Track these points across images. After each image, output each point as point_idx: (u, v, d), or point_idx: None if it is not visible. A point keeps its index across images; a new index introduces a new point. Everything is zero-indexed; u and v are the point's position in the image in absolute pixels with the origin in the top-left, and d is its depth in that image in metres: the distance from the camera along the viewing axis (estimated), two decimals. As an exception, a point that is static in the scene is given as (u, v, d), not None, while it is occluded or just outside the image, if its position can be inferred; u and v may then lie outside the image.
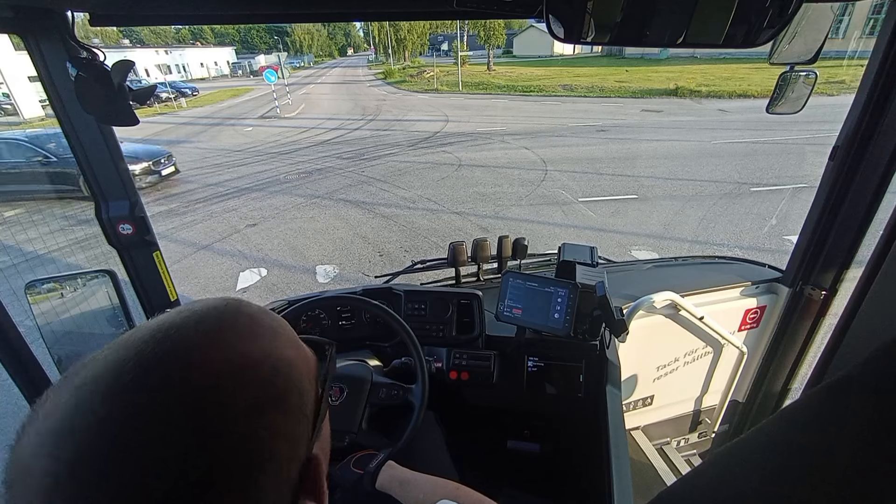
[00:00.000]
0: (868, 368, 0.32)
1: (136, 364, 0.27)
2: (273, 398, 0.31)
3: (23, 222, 5.78)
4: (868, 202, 1.24)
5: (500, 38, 32.74)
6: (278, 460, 0.31)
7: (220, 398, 0.28)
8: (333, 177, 8.51)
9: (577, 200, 6.57)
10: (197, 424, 0.27)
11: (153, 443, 0.25)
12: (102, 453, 0.24)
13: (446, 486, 0.76)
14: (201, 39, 66.29)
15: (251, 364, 0.31)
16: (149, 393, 0.27)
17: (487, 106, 17.77)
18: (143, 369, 0.27)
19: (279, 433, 0.31)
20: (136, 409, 0.26)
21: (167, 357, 0.28)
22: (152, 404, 0.26)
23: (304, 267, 4.96)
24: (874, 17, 11.13)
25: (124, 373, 0.27)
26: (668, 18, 0.68)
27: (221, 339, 0.31)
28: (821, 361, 1.33)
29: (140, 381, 0.27)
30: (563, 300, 1.19)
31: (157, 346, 0.29)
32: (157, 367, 0.28)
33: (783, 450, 0.35)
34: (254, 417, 0.30)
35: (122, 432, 0.25)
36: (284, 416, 0.32)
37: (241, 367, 0.31)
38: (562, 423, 1.45)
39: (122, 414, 0.26)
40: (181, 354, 0.29)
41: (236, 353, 0.31)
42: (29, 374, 1.05)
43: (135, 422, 0.25)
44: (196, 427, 0.27)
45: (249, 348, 0.32)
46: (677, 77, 20.30)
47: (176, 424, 0.26)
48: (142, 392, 0.26)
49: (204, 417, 0.27)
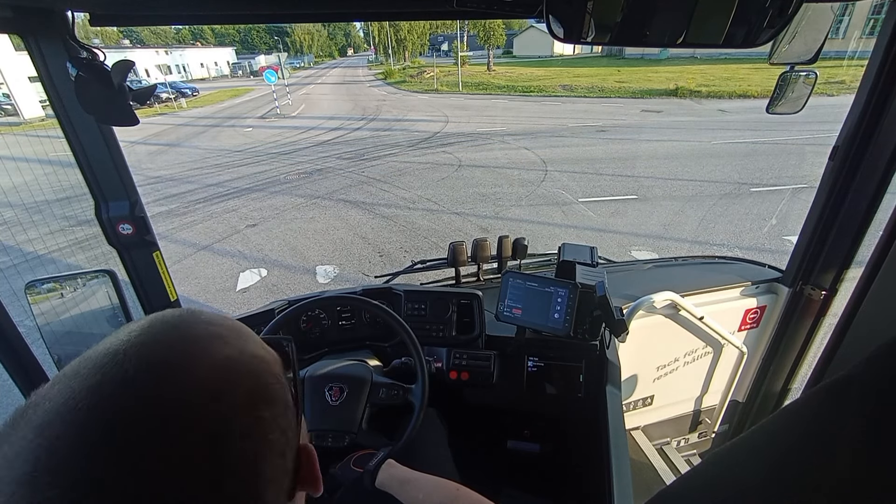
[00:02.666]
0: (868, 368, 0.32)
1: (123, 391, 0.27)
2: (261, 392, 0.33)
3: (23, 222, 5.77)
4: (868, 202, 1.24)
5: (500, 39, 32.76)
6: (276, 451, 0.32)
7: (217, 400, 0.29)
8: (333, 177, 8.50)
9: (577, 201, 6.56)
10: (201, 426, 0.27)
11: (162, 456, 0.25)
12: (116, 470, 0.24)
13: (446, 487, 0.76)
14: (201, 40, 66.32)
15: (234, 364, 0.32)
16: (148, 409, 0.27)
17: (487, 106, 17.77)
18: (130, 395, 0.27)
19: (273, 425, 0.32)
20: (144, 433, 0.26)
21: (154, 371, 0.28)
22: (155, 413, 0.26)
23: (304, 267, 4.96)
24: (874, 17, 11.13)
25: (114, 399, 0.26)
26: (668, 18, 0.68)
27: (197, 347, 0.31)
28: (821, 361, 1.33)
29: (135, 409, 0.26)
30: (563, 300, 1.19)
31: (139, 366, 0.28)
32: (148, 388, 0.27)
33: (783, 449, 0.35)
34: (250, 412, 0.31)
35: (126, 458, 0.25)
36: (273, 408, 0.33)
37: (226, 369, 0.31)
38: (562, 423, 1.45)
39: (126, 441, 0.25)
40: (164, 371, 0.29)
41: (219, 355, 0.32)
42: (29, 375, 1.05)
43: (144, 441, 0.25)
44: (200, 429, 0.27)
45: (227, 351, 0.33)
46: (677, 77, 20.30)
47: (180, 429, 0.27)
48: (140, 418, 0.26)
49: (207, 420, 0.28)
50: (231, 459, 0.28)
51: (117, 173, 1.16)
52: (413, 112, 17.13)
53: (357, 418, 1.05)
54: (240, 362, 0.33)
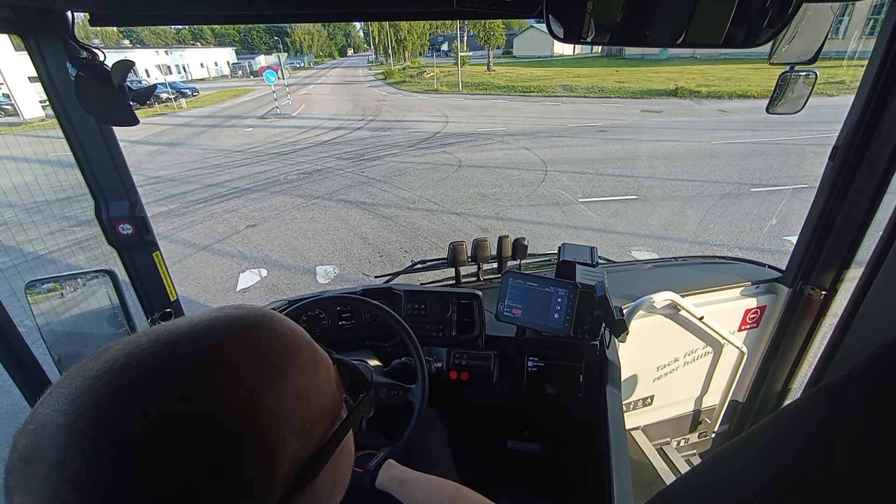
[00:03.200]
0: (868, 368, 0.32)
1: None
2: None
3: (23, 223, 5.77)
4: (868, 202, 1.24)
5: (500, 39, 32.76)
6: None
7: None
8: (333, 177, 8.50)
9: (577, 201, 6.56)
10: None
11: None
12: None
13: (446, 487, 0.76)
14: (201, 40, 66.33)
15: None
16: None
17: (487, 106, 17.77)
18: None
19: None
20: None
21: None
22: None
23: (304, 268, 4.95)
24: (874, 17, 11.13)
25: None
26: (668, 18, 0.68)
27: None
28: (821, 361, 1.33)
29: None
30: (563, 300, 1.19)
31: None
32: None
33: (783, 449, 0.35)
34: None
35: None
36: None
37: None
38: (562, 424, 1.45)
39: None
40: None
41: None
42: (29, 375, 1.05)
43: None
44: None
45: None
46: (677, 77, 20.30)
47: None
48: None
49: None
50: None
51: (117, 173, 1.16)
52: (413, 112, 17.13)
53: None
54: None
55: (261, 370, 0.31)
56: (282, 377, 0.32)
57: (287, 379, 0.33)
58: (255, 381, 0.31)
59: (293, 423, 0.32)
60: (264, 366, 0.32)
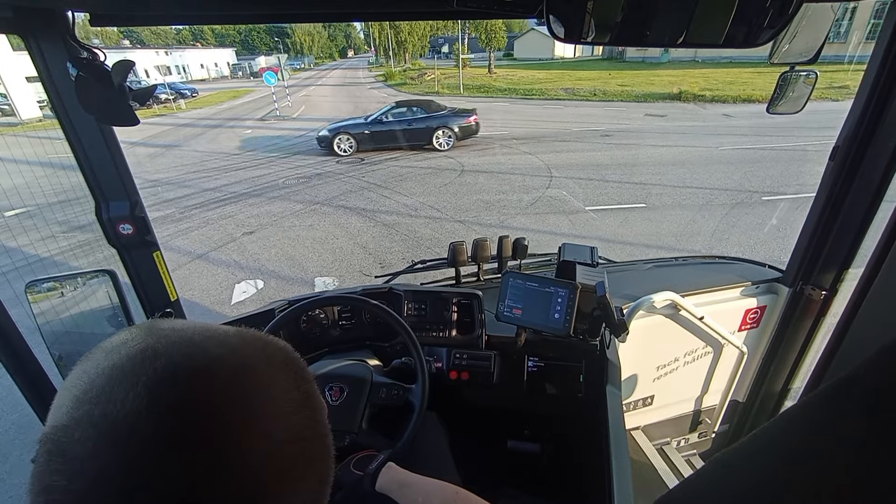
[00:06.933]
0: (870, 370, 0.32)
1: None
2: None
3: (24, 224, 5.75)
4: (868, 202, 1.24)
5: (501, 41, 32.82)
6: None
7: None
8: (333, 182, 8.41)
9: (585, 209, 6.39)
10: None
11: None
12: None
13: (445, 490, 0.75)
14: (201, 40, 66.48)
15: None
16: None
17: (489, 109, 17.69)
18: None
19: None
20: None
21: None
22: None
23: (302, 279, 4.82)
24: (875, 21, 11.16)
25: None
26: (669, 18, 0.69)
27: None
28: (821, 361, 1.33)
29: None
30: (563, 300, 1.18)
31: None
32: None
33: (784, 453, 0.35)
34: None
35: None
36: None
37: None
38: (562, 424, 1.45)
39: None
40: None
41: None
42: (29, 374, 1.05)
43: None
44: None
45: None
46: (679, 80, 20.31)
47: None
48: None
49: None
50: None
51: (117, 173, 1.16)
52: (413, 113, 17.08)
53: (357, 418, 1.05)
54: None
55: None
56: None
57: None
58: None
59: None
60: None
